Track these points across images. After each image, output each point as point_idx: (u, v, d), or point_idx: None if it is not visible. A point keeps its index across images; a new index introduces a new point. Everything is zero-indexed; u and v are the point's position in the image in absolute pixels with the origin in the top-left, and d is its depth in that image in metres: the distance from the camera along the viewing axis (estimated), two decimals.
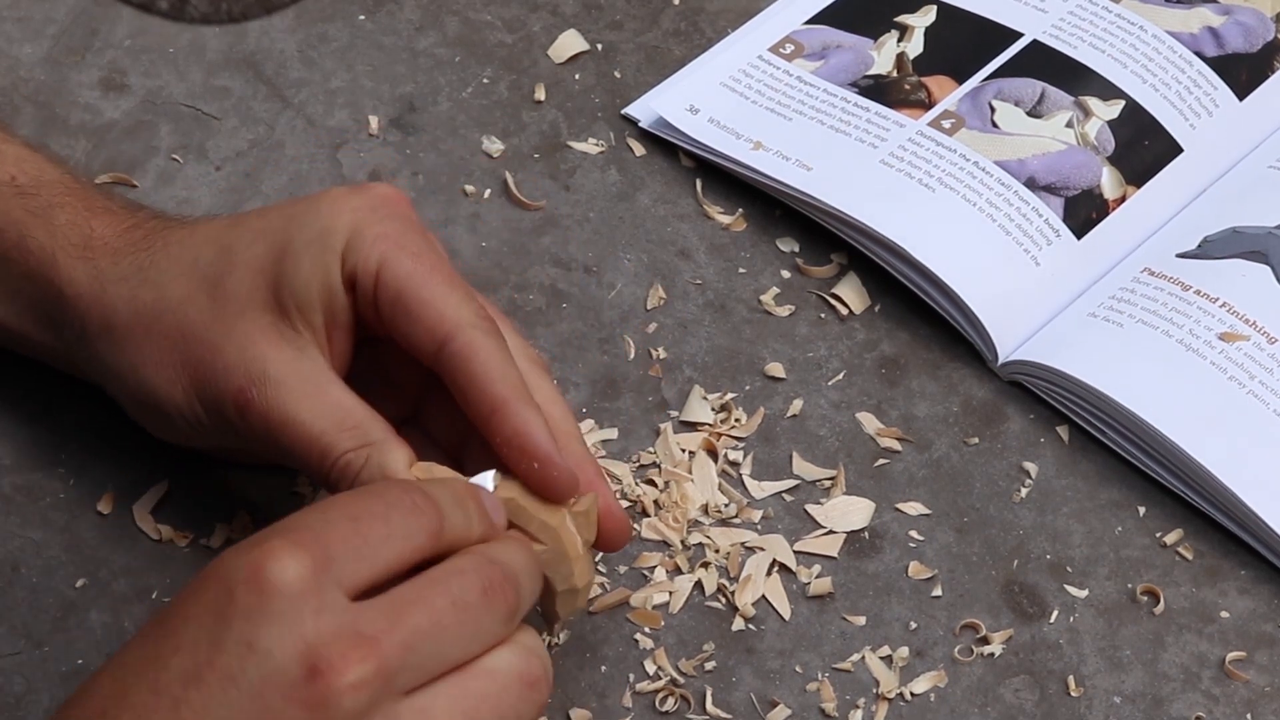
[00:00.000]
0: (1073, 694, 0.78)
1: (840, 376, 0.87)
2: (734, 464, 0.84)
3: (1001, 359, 0.87)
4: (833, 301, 0.90)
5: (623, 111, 0.96)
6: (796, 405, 0.86)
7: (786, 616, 0.80)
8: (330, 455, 0.71)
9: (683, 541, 0.81)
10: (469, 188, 0.92)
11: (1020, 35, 0.97)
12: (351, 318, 0.73)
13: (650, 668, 0.78)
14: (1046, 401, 0.86)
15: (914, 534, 0.83)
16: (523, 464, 0.70)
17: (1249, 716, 0.78)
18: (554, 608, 0.71)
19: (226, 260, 0.73)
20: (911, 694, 0.78)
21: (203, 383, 0.73)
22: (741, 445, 0.85)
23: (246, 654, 0.60)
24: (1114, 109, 0.94)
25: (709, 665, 0.78)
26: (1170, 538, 0.83)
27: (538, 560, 0.68)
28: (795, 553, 0.82)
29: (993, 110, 0.93)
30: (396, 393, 0.75)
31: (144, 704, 0.60)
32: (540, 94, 0.96)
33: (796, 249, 0.91)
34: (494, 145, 0.94)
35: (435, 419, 0.75)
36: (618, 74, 0.97)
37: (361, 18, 0.99)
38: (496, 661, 0.64)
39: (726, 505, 0.82)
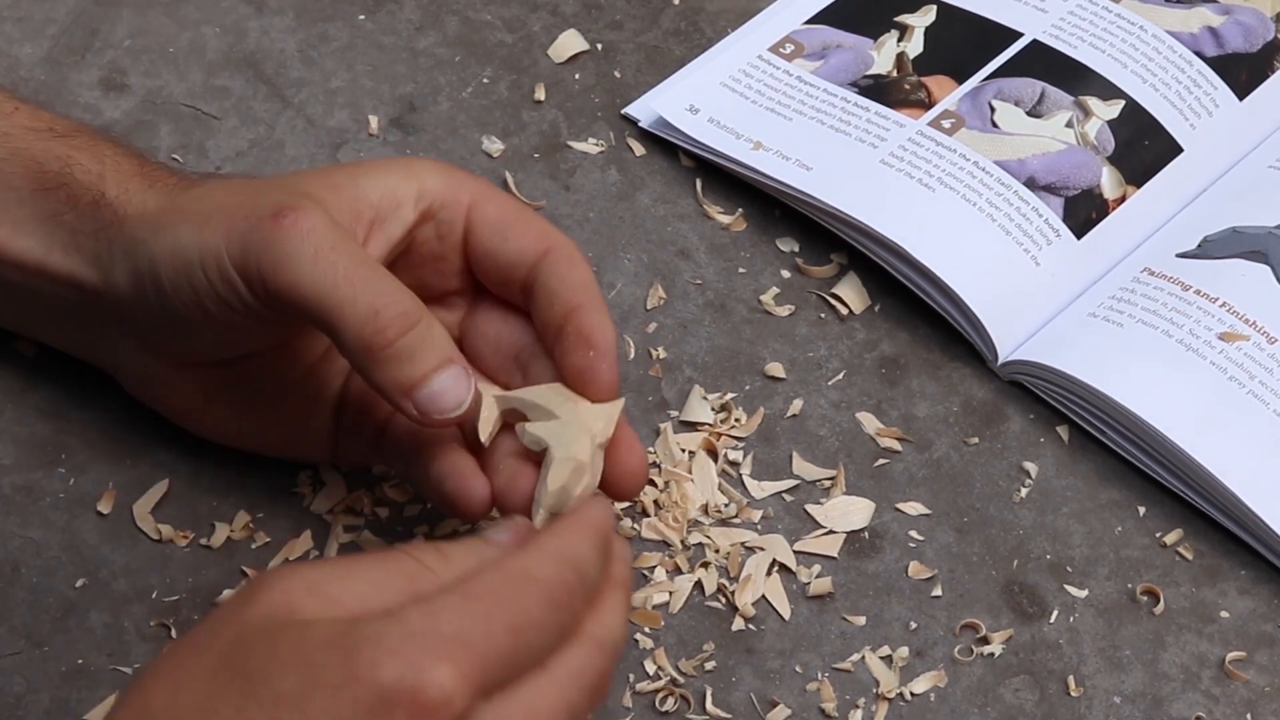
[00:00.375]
0: (1073, 694, 0.78)
1: (840, 376, 0.87)
2: (734, 464, 0.84)
3: (1001, 359, 0.87)
4: (833, 301, 0.90)
5: (623, 111, 0.96)
6: (796, 405, 0.86)
7: (786, 616, 0.80)
8: (378, 297, 0.68)
9: (683, 541, 0.81)
10: None
11: (1020, 35, 0.97)
12: (403, 237, 0.74)
13: (650, 668, 0.78)
14: (1046, 401, 0.86)
15: (914, 534, 0.83)
16: (582, 351, 0.72)
17: (1249, 716, 0.78)
18: (544, 488, 0.70)
19: (292, 172, 0.75)
20: (911, 694, 0.78)
21: (239, 218, 0.70)
22: (741, 445, 0.85)
23: None
24: (1114, 109, 0.94)
25: (709, 665, 0.78)
26: (1170, 538, 0.83)
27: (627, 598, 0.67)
28: (795, 553, 0.82)
29: (993, 110, 0.93)
30: None
31: None
32: (540, 94, 0.96)
33: (796, 249, 0.91)
34: (494, 145, 0.94)
35: None
36: (618, 74, 0.97)
37: (361, 18, 0.99)
38: (576, 693, 0.63)
39: (726, 505, 0.82)
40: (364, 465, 0.81)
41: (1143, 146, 0.93)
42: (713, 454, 0.84)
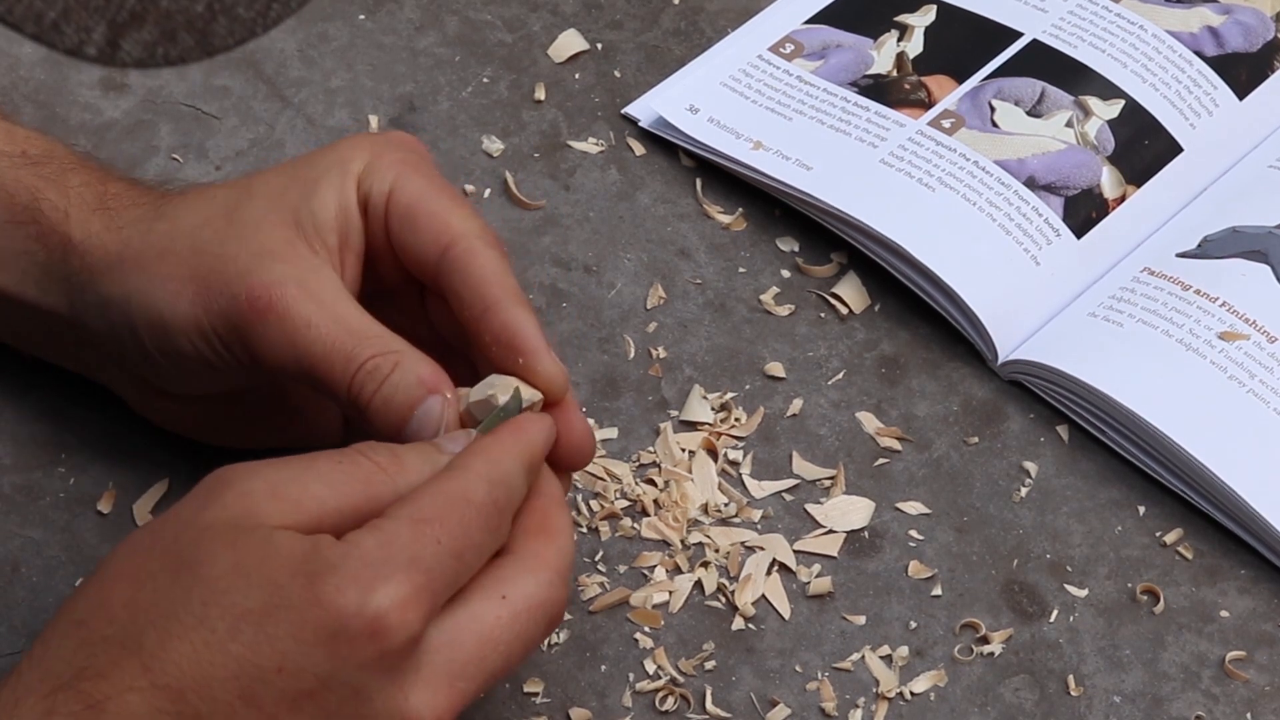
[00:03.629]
0: (1073, 693, 0.78)
1: (840, 376, 0.87)
2: (734, 463, 0.84)
3: (1001, 358, 0.87)
4: (833, 301, 0.90)
5: (623, 111, 0.96)
6: (796, 405, 0.86)
7: (786, 616, 0.80)
8: (356, 359, 0.70)
9: (682, 541, 0.81)
10: (469, 187, 0.93)
11: (1020, 35, 0.97)
12: (363, 244, 0.73)
13: (650, 667, 0.78)
14: (1046, 401, 0.86)
15: (914, 533, 0.83)
16: (510, 359, 0.70)
17: (1249, 716, 0.78)
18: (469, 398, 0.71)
19: (244, 192, 0.74)
20: (911, 693, 0.78)
21: (213, 293, 0.71)
22: (741, 445, 0.85)
23: (351, 698, 0.62)
24: (1114, 108, 0.94)
25: (709, 665, 0.78)
26: (1170, 537, 0.83)
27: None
28: (795, 552, 0.82)
29: (993, 110, 0.93)
30: None
31: (238, 714, 0.61)
32: (540, 93, 0.96)
33: (796, 248, 0.91)
34: (494, 145, 0.94)
35: None
36: (618, 73, 0.97)
37: (361, 17, 0.99)
38: (530, 625, 0.66)
39: (726, 505, 0.82)
40: None
41: (1143, 146, 0.93)
42: (713, 453, 0.84)
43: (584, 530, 0.82)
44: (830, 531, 0.82)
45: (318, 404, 0.78)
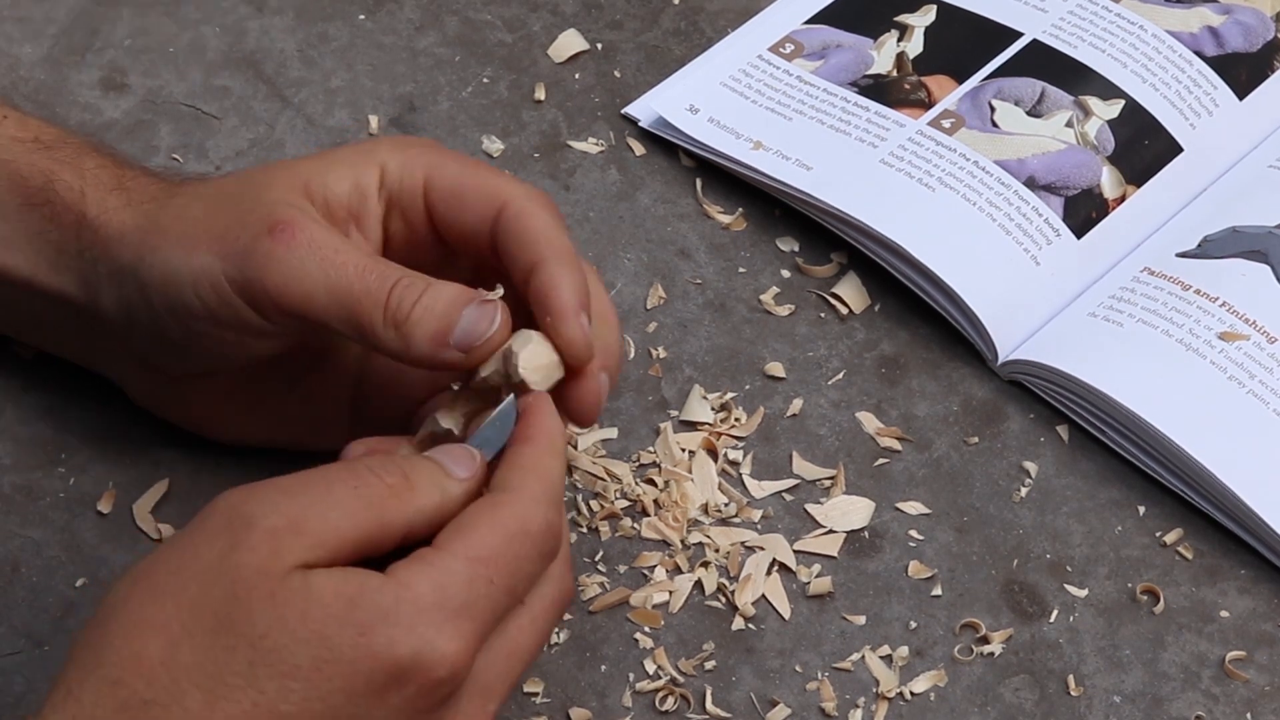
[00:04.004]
0: (1073, 693, 0.78)
1: (840, 376, 0.87)
2: (734, 463, 0.84)
3: (1001, 358, 0.87)
4: (833, 301, 0.90)
5: (623, 111, 0.96)
6: (796, 405, 0.86)
7: (786, 616, 0.80)
8: (389, 279, 0.68)
9: (683, 541, 0.81)
10: None
11: (1020, 35, 0.97)
12: (380, 233, 0.73)
13: (650, 667, 0.78)
14: (1046, 401, 0.86)
15: (914, 533, 0.83)
16: (541, 318, 0.69)
17: (1249, 716, 0.78)
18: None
19: (264, 169, 0.74)
20: (911, 693, 0.78)
21: (230, 239, 0.70)
22: (741, 445, 0.85)
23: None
24: (1114, 108, 0.94)
25: (709, 665, 0.78)
26: (1170, 537, 0.83)
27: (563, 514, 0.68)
28: (795, 552, 0.82)
29: (993, 110, 0.93)
30: None
31: None
32: (540, 93, 0.96)
33: (796, 248, 0.91)
34: (494, 145, 0.94)
35: None
36: (618, 73, 0.97)
37: (361, 17, 0.99)
38: (547, 625, 0.67)
39: (726, 505, 0.82)
40: None
41: (1143, 146, 0.93)
42: (713, 453, 0.84)
43: (584, 530, 0.82)
44: (830, 531, 0.82)
45: (325, 391, 0.78)
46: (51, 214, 0.76)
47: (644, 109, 0.96)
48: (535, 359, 0.68)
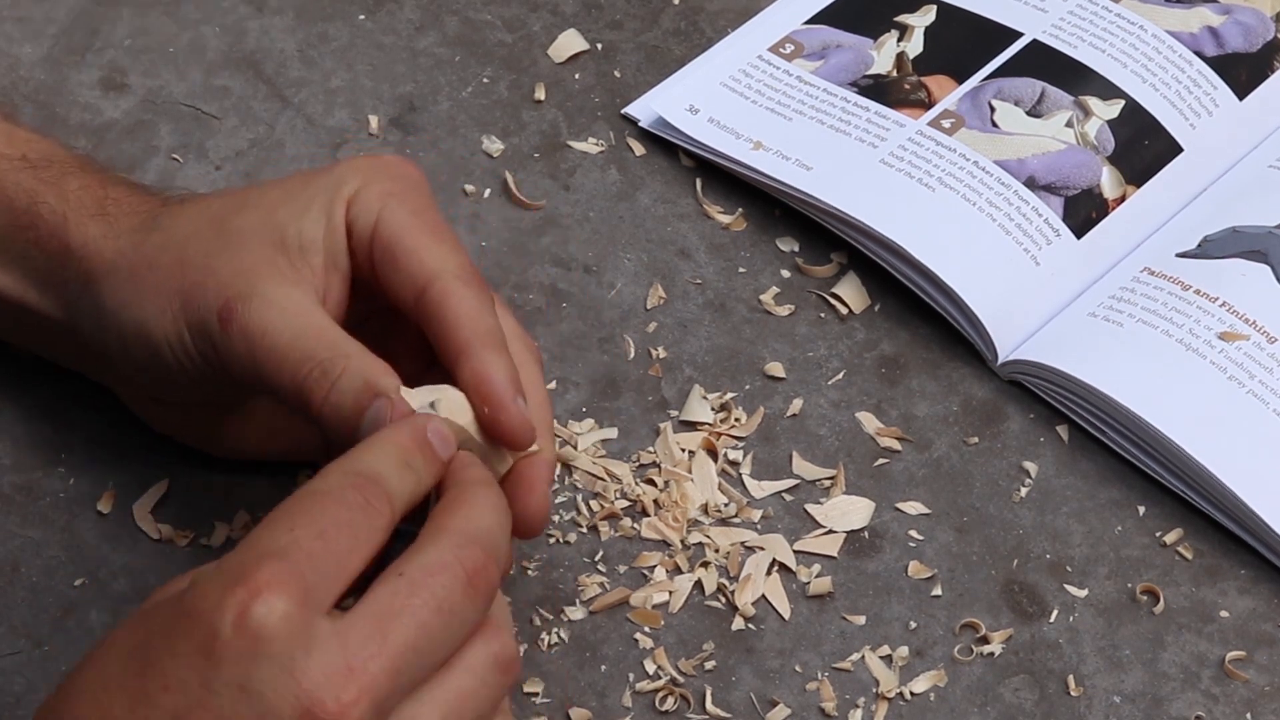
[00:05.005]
0: (1072, 693, 0.78)
1: (840, 376, 0.87)
2: (734, 463, 0.84)
3: (1001, 358, 0.87)
4: (833, 301, 0.90)
5: (623, 111, 0.96)
6: (796, 405, 0.86)
7: (786, 616, 0.80)
8: (306, 364, 0.69)
9: (682, 541, 0.81)
10: (469, 187, 0.93)
11: (1020, 35, 0.97)
12: (349, 269, 0.73)
13: (650, 667, 0.78)
14: (1046, 401, 0.86)
15: (914, 534, 0.83)
16: (479, 409, 0.69)
17: (1249, 716, 0.78)
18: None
19: (238, 204, 0.74)
20: (911, 693, 0.78)
21: (193, 306, 0.72)
22: (741, 445, 0.85)
23: (239, 696, 0.60)
24: (1114, 108, 0.94)
25: (709, 665, 0.78)
26: (1170, 537, 0.83)
27: (506, 509, 0.67)
28: (795, 552, 0.82)
29: (993, 110, 0.93)
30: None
31: None
32: (540, 94, 0.96)
33: (796, 249, 0.91)
34: (494, 145, 0.94)
35: None
36: (618, 74, 0.97)
37: (361, 17, 0.99)
38: (474, 655, 0.64)
39: (726, 505, 0.82)
40: None
41: (1143, 146, 0.93)
42: (713, 454, 0.84)
43: (584, 530, 0.82)
44: (830, 531, 0.82)
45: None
46: (36, 238, 0.76)
47: (644, 109, 0.96)
48: (449, 408, 0.69)
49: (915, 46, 0.96)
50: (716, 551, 0.81)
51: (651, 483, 0.83)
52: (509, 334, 0.72)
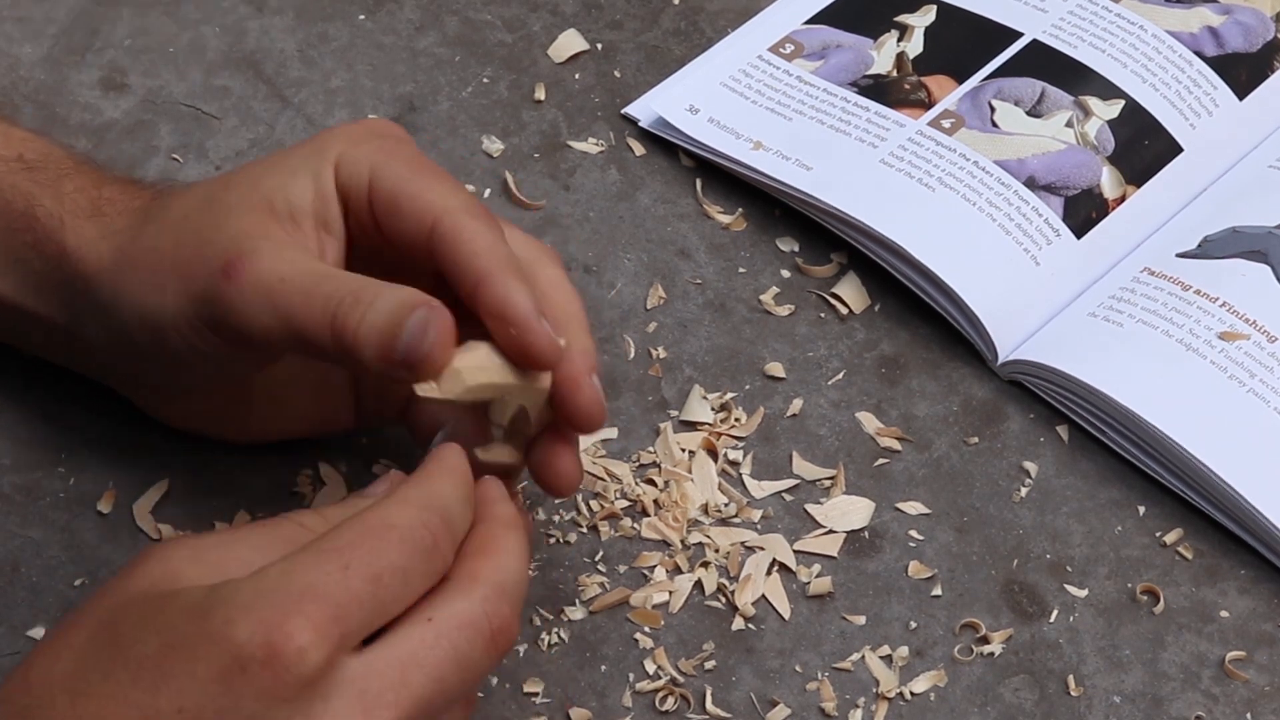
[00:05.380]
0: (1073, 693, 0.78)
1: (840, 376, 0.87)
2: (734, 463, 0.84)
3: (1001, 358, 0.87)
4: (833, 301, 0.90)
5: (623, 111, 0.96)
6: (796, 405, 0.86)
7: (786, 616, 0.80)
8: (334, 298, 0.68)
9: (682, 541, 0.81)
10: (469, 187, 0.93)
11: (1020, 35, 0.97)
12: (344, 230, 0.72)
13: (650, 667, 0.78)
14: (1046, 401, 0.86)
15: (914, 533, 0.83)
16: (503, 332, 0.69)
17: (1249, 716, 0.78)
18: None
19: (224, 183, 0.73)
20: (911, 693, 0.78)
21: (192, 277, 0.71)
22: (741, 445, 0.85)
23: None
24: (1114, 108, 0.94)
25: (709, 665, 0.78)
26: (1170, 537, 0.83)
27: (529, 552, 0.68)
28: (795, 552, 0.82)
29: (993, 110, 0.93)
30: None
31: None
32: (540, 94, 0.96)
33: (796, 249, 0.91)
34: (494, 145, 0.94)
35: None
36: (618, 74, 0.97)
37: (361, 17, 0.99)
38: (461, 645, 0.64)
39: (726, 505, 0.82)
40: (395, 423, 0.80)
41: (1143, 146, 0.93)
42: (713, 454, 0.84)
43: (584, 530, 0.82)
44: (830, 531, 0.82)
45: (327, 380, 0.78)
46: (34, 241, 0.76)
47: (644, 109, 0.96)
48: (474, 360, 0.68)
49: (915, 46, 0.96)
50: (716, 551, 0.81)
51: (651, 483, 0.83)
52: (519, 241, 0.72)
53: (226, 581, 0.61)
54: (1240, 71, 0.96)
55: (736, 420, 0.85)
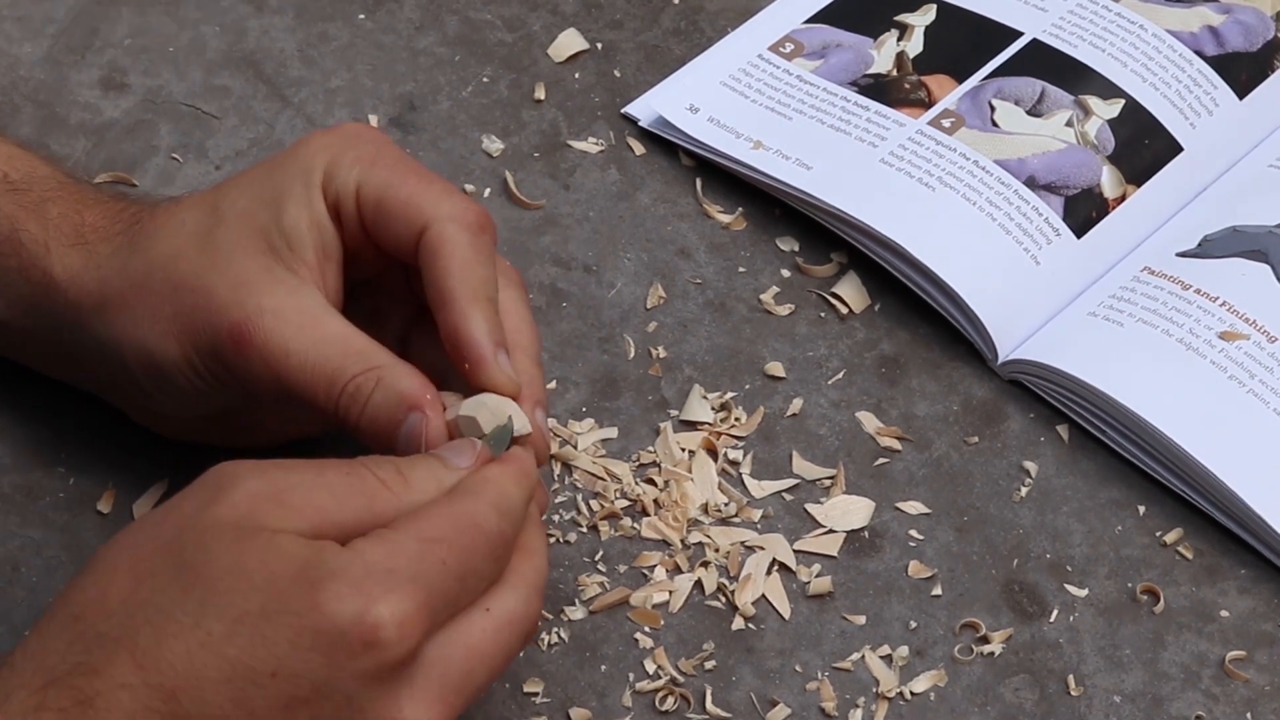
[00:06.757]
0: (1073, 693, 0.78)
1: (840, 376, 0.87)
2: (734, 463, 0.84)
3: (1001, 358, 0.87)
4: (833, 301, 0.90)
5: (623, 111, 0.96)
6: (796, 404, 0.86)
7: (786, 616, 0.80)
8: (338, 381, 0.69)
9: (682, 541, 0.81)
10: (469, 187, 0.93)
11: (1020, 34, 0.97)
12: (340, 250, 0.73)
13: (650, 667, 0.78)
14: (1046, 400, 0.86)
15: (914, 533, 0.83)
16: (459, 364, 0.70)
17: (1249, 716, 0.78)
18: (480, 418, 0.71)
19: (213, 217, 0.73)
20: (911, 693, 0.78)
21: (197, 330, 0.71)
22: (741, 444, 0.85)
23: (344, 707, 0.62)
24: (1114, 108, 0.94)
25: (709, 664, 0.78)
26: (1170, 537, 0.83)
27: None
28: (795, 552, 0.82)
29: (993, 109, 0.93)
30: (382, 332, 0.74)
31: (229, 717, 0.61)
32: (540, 93, 0.96)
33: (796, 248, 0.91)
34: (494, 144, 0.94)
35: (419, 354, 0.74)
36: (618, 73, 0.97)
37: (361, 17, 0.99)
38: (510, 638, 0.66)
39: (726, 504, 0.82)
40: None
41: (1143, 146, 0.93)
42: (713, 453, 0.84)
43: (584, 530, 0.82)
44: (830, 531, 0.82)
45: None
46: (19, 265, 0.76)
47: (644, 109, 0.96)
48: (496, 420, 0.70)
49: (915, 46, 0.96)
50: (716, 551, 0.81)
51: (651, 482, 0.83)
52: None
53: (329, 547, 0.62)
54: (1240, 71, 0.96)
55: (736, 420, 0.85)
